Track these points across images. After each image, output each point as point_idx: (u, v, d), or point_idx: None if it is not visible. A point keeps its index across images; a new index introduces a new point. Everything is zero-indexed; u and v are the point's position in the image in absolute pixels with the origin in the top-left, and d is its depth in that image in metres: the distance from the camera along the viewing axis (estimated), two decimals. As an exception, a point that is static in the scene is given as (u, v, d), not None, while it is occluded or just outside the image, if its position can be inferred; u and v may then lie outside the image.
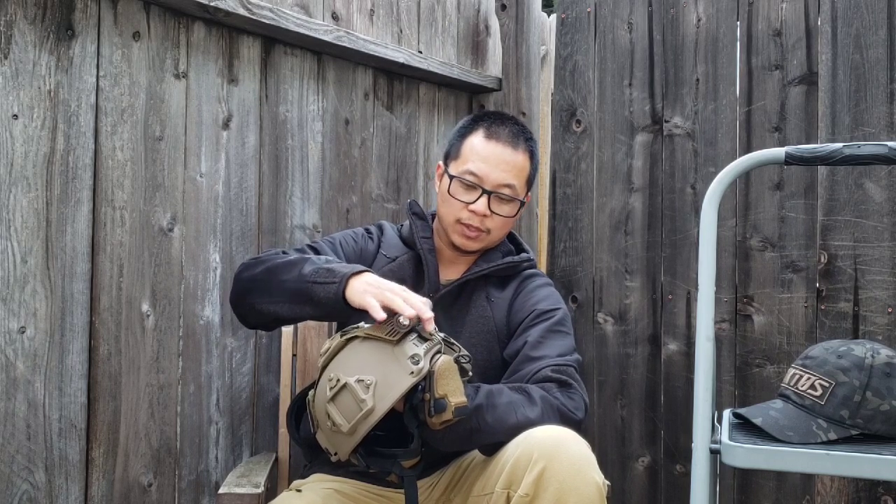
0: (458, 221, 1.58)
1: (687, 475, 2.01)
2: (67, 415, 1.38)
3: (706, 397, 1.30)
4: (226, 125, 1.64)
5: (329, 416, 1.25)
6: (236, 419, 1.68)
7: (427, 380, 1.24)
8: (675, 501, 2.04)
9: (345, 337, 1.31)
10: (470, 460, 1.48)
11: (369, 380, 1.23)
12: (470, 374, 1.35)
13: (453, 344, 1.33)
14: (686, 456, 2.02)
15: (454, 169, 1.61)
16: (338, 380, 1.25)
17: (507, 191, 1.58)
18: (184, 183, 1.57)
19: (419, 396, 1.25)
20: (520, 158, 1.61)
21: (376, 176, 2.01)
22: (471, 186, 1.57)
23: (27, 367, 1.33)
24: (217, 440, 1.64)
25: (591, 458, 1.29)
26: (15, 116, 1.31)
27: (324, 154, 1.86)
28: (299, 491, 1.37)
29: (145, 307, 1.50)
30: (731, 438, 1.28)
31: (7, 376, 1.31)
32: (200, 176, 1.60)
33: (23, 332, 1.33)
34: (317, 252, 1.51)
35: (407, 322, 1.26)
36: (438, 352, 1.27)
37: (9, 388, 1.31)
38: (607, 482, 1.34)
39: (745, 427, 1.36)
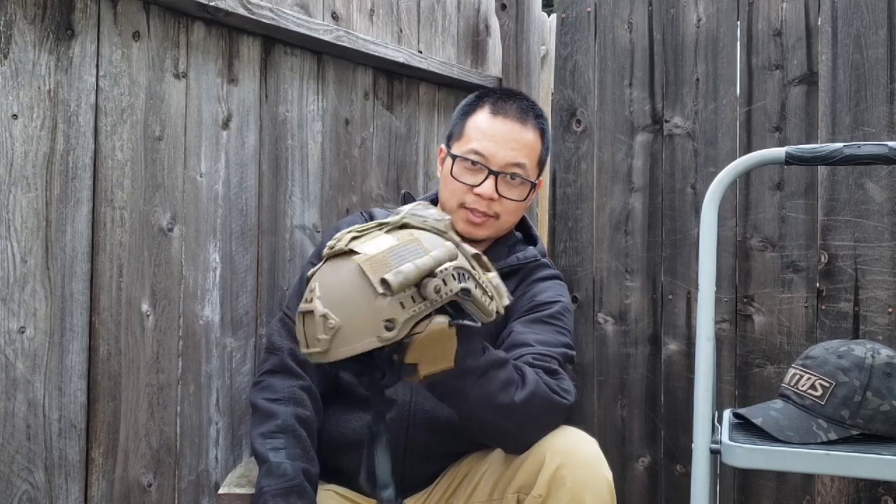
0: (463, 206, 1.48)
1: (687, 475, 2.01)
2: (67, 415, 1.38)
3: (706, 397, 1.30)
4: (225, 125, 1.64)
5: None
6: (236, 419, 1.68)
7: (398, 345, 1.11)
8: (676, 502, 2.04)
9: (354, 245, 1.13)
10: (466, 471, 1.46)
11: (333, 323, 1.08)
12: (493, 314, 1.17)
13: (480, 290, 1.14)
14: (686, 456, 2.02)
15: (457, 149, 1.49)
16: (312, 298, 1.11)
17: (516, 170, 1.47)
18: (184, 183, 1.57)
19: (386, 355, 1.13)
20: (529, 136, 1.49)
21: (376, 176, 2.00)
22: (476, 167, 1.46)
23: (27, 367, 1.33)
24: (217, 440, 1.64)
25: (601, 457, 1.31)
26: (15, 116, 1.31)
27: (324, 154, 1.86)
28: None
29: (145, 307, 1.50)
30: (731, 438, 1.28)
31: (7, 376, 1.31)
32: (200, 176, 1.60)
33: (22, 332, 1.33)
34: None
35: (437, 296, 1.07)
36: (429, 316, 1.11)
37: (8, 388, 1.31)
38: None
39: (745, 427, 1.36)
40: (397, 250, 1.11)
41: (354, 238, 1.15)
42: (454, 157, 1.48)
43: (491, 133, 1.47)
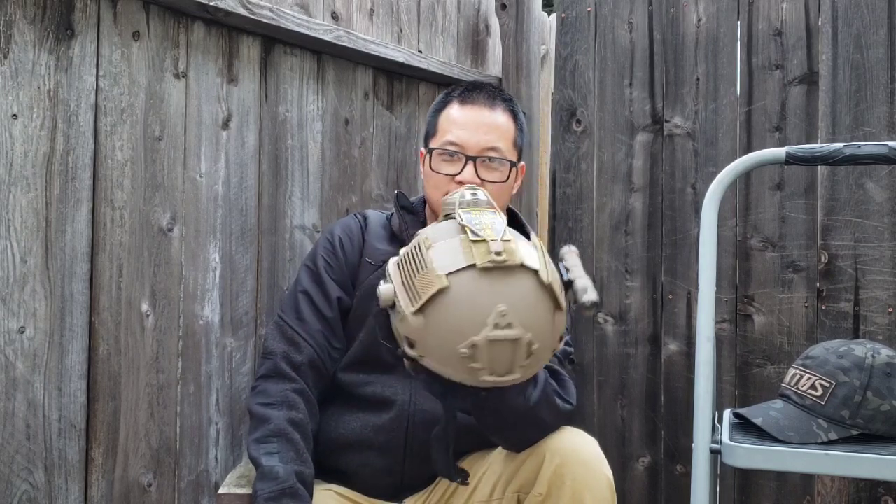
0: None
1: (687, 475, 2.01)
2: (67, 415, 1.38)
3: (706, 397, 1.30)
4: (225, 125, 1.64)
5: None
6: (236, 419, 1.68)
7: None
8: (676, 502, 2.04)
9: (516, 256, 1.08)
10: None
11: (536, 347, 1.09)
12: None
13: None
14: (686, 456, 2.02)
15: (433, 144, 1.52)
16: (508, 324, 1.07)
17: (492, 153, 1.48)
18: (183, 183, 1.57)
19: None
20: (501, 118, 1.51)
21: (376, 176, 2.00)
22: (454, 157, 1.48)
23: (27, 367, 1.33)
24: (217, 440, 1.64)
25: (601, 456, 1.32)
26: (14, 116, 1.31)
27: (324, 154, 1.86)
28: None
29: (145, 307, 1.50)
30: (731, 438, 1.28)
31: (7, 376, 1.31)
32: (200, 176, 1.60)
33: (22, 332, 1.33)
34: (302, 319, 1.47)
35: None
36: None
37: (8, 388, 1.31)
38: None
39: (745, 427, 1.36)
40: (547, 257, 1.13)
41: (498, 252, 1.08)
42: (431, 151, 1.51)
43: (462, 121, 1.49)
